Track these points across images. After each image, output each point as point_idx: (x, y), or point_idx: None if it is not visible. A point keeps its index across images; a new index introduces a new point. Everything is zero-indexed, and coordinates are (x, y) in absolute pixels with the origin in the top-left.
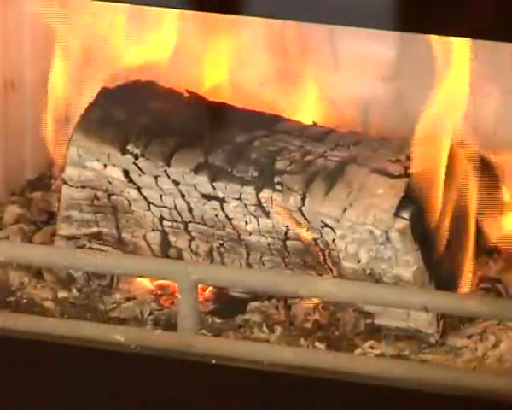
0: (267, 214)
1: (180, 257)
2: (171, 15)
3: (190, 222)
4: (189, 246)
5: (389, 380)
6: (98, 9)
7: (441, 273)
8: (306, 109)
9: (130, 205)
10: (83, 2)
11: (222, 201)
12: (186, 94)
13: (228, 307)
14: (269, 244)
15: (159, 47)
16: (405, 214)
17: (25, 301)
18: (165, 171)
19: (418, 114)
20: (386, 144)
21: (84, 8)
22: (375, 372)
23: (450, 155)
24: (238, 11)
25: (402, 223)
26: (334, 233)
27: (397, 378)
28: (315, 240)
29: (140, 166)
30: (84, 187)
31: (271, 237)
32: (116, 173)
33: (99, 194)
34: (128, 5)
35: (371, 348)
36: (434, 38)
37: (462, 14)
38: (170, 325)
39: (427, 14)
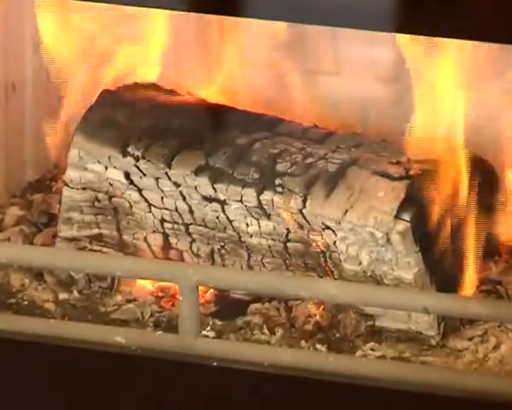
0: (268, 216)
1: (181, 259)
2: (172, 16)
3: (191, 224)
4: (190, 248)
5: (390, 382)
6: (99, 11)
7: (442, 275)
8: (307, 111)
9: (131, 207)
10: (83, 4)
11: (223, 203)
12: (187, 96)
13: (229, 308)
14: (270, 246)
15: (159, 48)
16: (406, 216)
17: (26, 302)
18: (166, 173)
19: (419, 116)
20: (386, 146)
21: (84, 10)
22: (376, 374)
23: (451, 157)
24: (239, 13)
25: (403, 225)
26: (335, 235)
27: (398, 380)
28: (316, 242)
29: (141, 168)
30: (84, 189)
31: (272, 239)
32: (117, 175)
33: (100, 196)
34: (128, 6)
35: (372, 349)
36: (434, 40)
37: (461, 17)
38: (171, 326)
39: (427, 17)
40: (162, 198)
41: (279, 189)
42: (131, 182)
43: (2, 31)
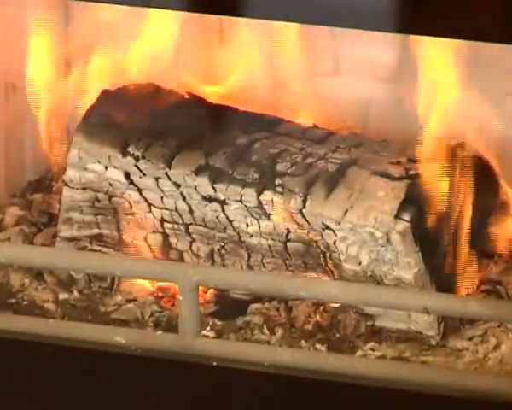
0: (268, 216)
1: (181, 259)
2: (172, 17)
3: (191, 224)
4: (190, 248)
5: (390, 382)
6: (99, 11)
7: (442, 275)
8: (307, 111)
9: (130, 207)
10: (83, 5)
11: (223, 203)
12: (187, 96)
13: (229, 308)
14: (270, 246)
15: (159, 48)
16: (406, 216)
17: (26, 302)
18: (166, 173)
19: (419, 116)
20: (386, 146)
21: (84, 10)
22: (376, 374)
23: (451, 157)
24: (239, 13)
25: (403, 225)
26: (335, 235)
27: (398, 380)
28: (316, 242)
29: (141, 168)
30: (84, 189)
31: (272, 239)
32: (117, 175)
33: (100, 196)
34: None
35: (372, 349)
36: (434, 40)
37: (461, 17)
38: (171, 326)
39: (427, 17)
40: (162, 198)
41: (279, 189)
42: (131, 182)
43: (2, 31)
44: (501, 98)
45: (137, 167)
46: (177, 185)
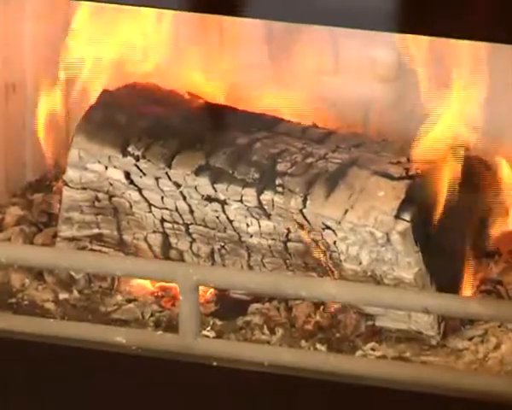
0: (268, 216)
1: (181, 259)
2: (172, 17)
3: (191, 224)
4: (190, 248)
5: (390, 382)
6: (98, 11)
7: (442, 275)
8: (307, 111)
9: (131, 207)
10: (84, 5)
11: (223, 203)
12: (187, 96)
13: (229, 308)
14: (270, 246)
15: (159, 49)
16: (406, 216)
17: (26, 302)
18: (167, 173)
19: (419, 116)
20: (387, 146)
21: (84, 11)
22: (376, 374)
23: (451, 157)
24: (239, 13)
25: (403, 225)
26: (336, 235)
27: (398, 380)
28: (316, 242)
29: (141, 167)
30: (85, 189)
31: (272, 239)
32: (117, 175)
33: (100, 196)
34: (128, 6)
35: (372, 349)
36: (435, 40)
37: (461, 17)
38: (171, 326)
39: (428, 16)
40: (162, 198)
41: (279, 189)
42: (131, 182)
43: (2, 31)
44: (501, 98)
45: (138, 167)
46: (178, 185)
